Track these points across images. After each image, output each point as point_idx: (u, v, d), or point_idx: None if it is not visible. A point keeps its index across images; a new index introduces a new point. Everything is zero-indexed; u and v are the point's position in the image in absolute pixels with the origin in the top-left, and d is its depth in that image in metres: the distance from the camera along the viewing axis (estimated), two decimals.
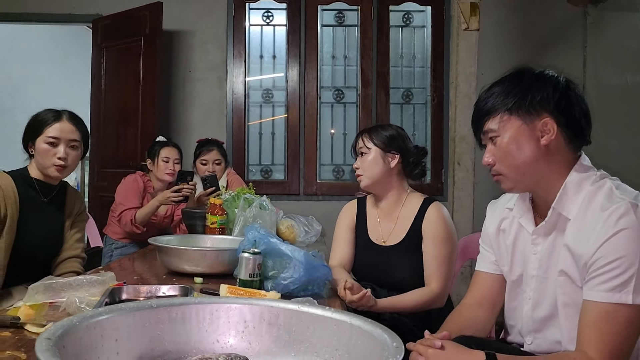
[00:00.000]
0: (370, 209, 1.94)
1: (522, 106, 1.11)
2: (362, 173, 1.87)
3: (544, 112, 1.11)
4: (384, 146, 1.85)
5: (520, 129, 1.12)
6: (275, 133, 4.24)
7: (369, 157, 1.85)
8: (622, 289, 0.99)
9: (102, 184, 3.88)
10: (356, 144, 1.90)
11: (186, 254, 1.67)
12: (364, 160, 1.86)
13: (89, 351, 0.72)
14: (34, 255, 1.75)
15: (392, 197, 1.88)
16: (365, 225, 1.91)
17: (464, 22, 3.30)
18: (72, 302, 1.18)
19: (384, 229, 1.87)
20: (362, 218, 1.93)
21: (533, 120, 1.11)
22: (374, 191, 1.92)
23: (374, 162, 1.84)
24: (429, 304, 1.71)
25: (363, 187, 1.90)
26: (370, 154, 1.85)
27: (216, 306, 0.89)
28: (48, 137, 1.72)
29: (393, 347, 0.70)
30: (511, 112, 1.12)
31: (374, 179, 1.85)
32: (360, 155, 1.88)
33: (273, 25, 4.24)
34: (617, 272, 1.00)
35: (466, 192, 3.38)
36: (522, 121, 1.12)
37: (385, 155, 1.84)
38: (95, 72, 4.07)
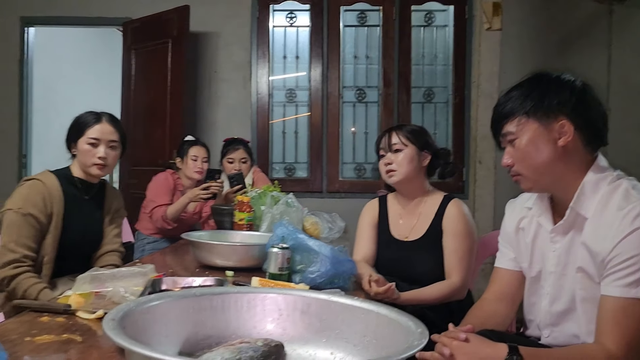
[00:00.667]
0: (392, 207, 1.99)
1: (539, 109, 1.16)
2: (395, 169, 1.88)
3: (561, 114, 1.16)
4: (420, 145, 1.90)
5: (538, 131, 1.17)
6: (298, 132, 4.32)
7: (405, 154, 1.88)
8: (638, 285, 1.05)
9: (133, 181, 4.01)
10: (389, 140, 1.90)
11: (218, 249, 1.76)
12: (399, 156, 1.88)
13: (143, 333, 0.80)
14: (76, 250, 1.86)
15: (415, 194, 1.94)
16: (387, 222, 1.97)
17: (486, 22, 3.33)
18: (117, 291, 1.27)
19: (406, 226, 1.93)
20: (384, 215, 1.99)
21: (550, 123, 1.16)
22: (401, 188, 1.94)
23: (410, 159, 1.88)
24: (450, 296, 1.77)
25: (393, 183, 1.91)
26: (406, 150, 1.88)
27: (253, 295, 0.97)
28: (89, 138, 1.83)
29: (418, 333, 0.77)
30: (529, 115, 1.17)
31: (406, 176, 1.88)
32: (394, 151, 1.89)
33: (296, 26, 4.32)
34: (634, 268, 1.05)
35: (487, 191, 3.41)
36: (539, 123, 1.17)
37: (419, 153, 1.90)
38: (125, 73, 4.20)
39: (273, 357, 0.88)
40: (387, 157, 1.90)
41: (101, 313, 1.16)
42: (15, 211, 1.71)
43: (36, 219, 1.72)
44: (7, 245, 1.69)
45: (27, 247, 1.71)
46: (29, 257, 1.71)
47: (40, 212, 1.73)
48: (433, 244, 1.85)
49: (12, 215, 1.71)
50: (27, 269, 1.69)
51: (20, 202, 1.72)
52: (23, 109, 4.36)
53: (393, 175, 1.89)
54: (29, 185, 1.77)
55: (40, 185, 1.77)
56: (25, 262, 1.69)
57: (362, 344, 0.89)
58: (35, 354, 0.94)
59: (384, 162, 1.91)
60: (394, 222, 1.96)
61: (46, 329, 1.08)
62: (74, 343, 1.01)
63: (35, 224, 1.72)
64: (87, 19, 4.30)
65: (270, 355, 0.88)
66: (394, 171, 1.88)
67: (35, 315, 1.17)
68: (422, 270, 1.83)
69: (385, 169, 1.90)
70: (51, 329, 1.08)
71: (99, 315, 1.16)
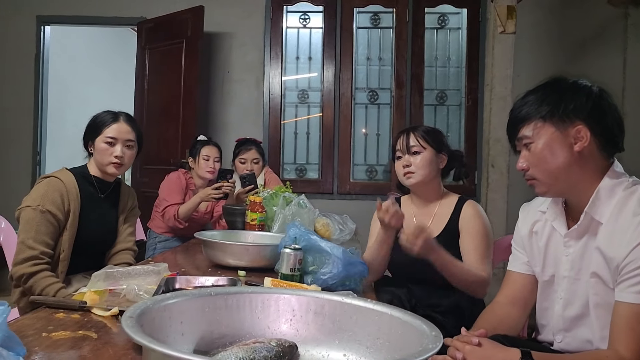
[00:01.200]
0: (406, 208, 1.99)
1: (555, 114, 1.16)
2: (414, 171, 1.86)
3: (577, 119, 1.15)
4: (438, 147, 1.90)
5: (554, 135, 1.16)
6: (310, 133, 4.33)
7: (424, 156, 1.86)
8: None
9: (144, 180, 4.05)
10: (407, 142, 1.88)
11: (231, 248, 1.77)
12: (417, 159, 1.86)
13: (160, 330, 0.81)
14: (91, 247, 1.88)
15: (430, 196, 1.93)
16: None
17: (500, 25, 3.31)
18: (132, 289, 1.28)
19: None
20: None
21: (566, 128, 1.16)
22: (418, 190, 1.93)
23: (429, 161, 1.87)
24: (476, 286, 1.74)
25: (411, 185, 1.90)
26: (424, 153, 1.87)
27: (267, 296, 0.98)
28: (106, 137, 1.85)
29: (432, 336, 0.77)
30: (545, 120, 1.17)
31: (424, 178, 1.87)
32: (413, 153, 1.88)
33: (309, 28, 4.33)
34: None
35: (500, 195, 3.39)
36: (555, 128, 1.16)
37: (437, 155, 1.89)
38: (139, 72, 4.23)
39: (286, 357, 0.88)
40: (405, 158, 1.89)
41: (116, 310, 1.17)
42: (33, 208, 1.73)
43: (54, 216, 1.75)
44: (25, 241, 1.71)
45: (45, 243, 1.73)
46: (47, 254, 1.73)
47: (57, 210, 1.75)
48: (448, 245, 1.83)
49: (30, 212, 1.73)
50: (45, 267, 1.71)
51: (38, 199, 1.75)
52: (38, 107, 4.41)
53: (411, 177, 1.88)
54: (47, 183, 1.79)
55: (58, 183, 1.79)
56: (43, 259, 1.71)
57: (375, 346, 0.89)
58: (52, 350, 0.95)
59: (401, 164, 1.89)
60: (408, 223, 1.95)
61: (62, 325, 1.10)
62: (89, 339, 1.02)
63: (53, 221, 1.75)
64: (102, 18, 4.34)
65: (284, 356, 0.88)
66: (412, 173, 1.87)
67: (51, 312, 1.18)
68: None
69: (404, 171, 1.89)
70: (67, 325, 1.10)
71: (114, 313, 1.17)
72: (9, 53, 4.36)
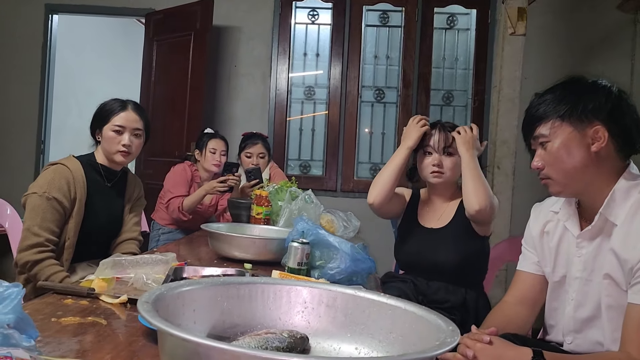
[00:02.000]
0: (423, 199, 2.00)
1: (574, 113, 1.15)
2: (445, 172, 1.87)
3: (595, 120, 1.15)
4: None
5: (571, 135, 1.16)
6: (315, 129, 4.33)
7: (455, 159, 1.87)
8: None
9: (149, 172, 4.04)
10: (446, 141, 1.87)
11: (237, 241, 1.76)
12: (449, 160, 1.87)
13: (173, 317, 0.80)
14: (97, 236, 1.88)
15: (446, 195, 1.95)
16: (416, 210, 1.98)
17: (510, 27, 3.30)
18: (140, 277, 1.28)
19: (431, 215, 1.94)
20: (414, 205, 2.00)
21: (584, 128, 1.15)
22: (440, 188, 1.93)
23: (457, 165, 1.86)
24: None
25: (437, 183, 1.88)
26: (456, 156, 1.87)
27: (279, 287, 0.97)
28: (114, 126, 1.84)
29: (449, 330, 0.76)
30: (563, 119, 1.16)
31: (451, 179, 1.89)
32: (448, 154, 1.87)
33: (318, 24, 4.32)
34: None
35: (505, 196, 3.38)
36: (573, 128, 1.16)
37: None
38: (146, 64, 4.22)
39: (298, 349, 0.88)
40: (435, 157, 1.87)
41: (124, 298, 1.16)
42: (39, 195, 1.72)
43: (60, 203, 1.74)
44: (30, 228, 1.70)
45: (51, 231, 1.72)
46: (52, 242, 1.72)
47: (64, 197, 1.75)
48: (459, 232, 1.84)
49: (37, 198, 1.72)
50: (50, 255, 1.71)
51: (45, 186, 1.74)
52: (43, 96, 4.40)
53: (440, 178, 1.87)
54: (54, 170, 1.78)
55: (65, 170, 1.78)
56: (48, 246, 1.71)
57: (388, 340, 0.88)
58: (62, 335, 0.95)
59: (432, 162, 1.87)
60: (423, 212, 1.97)
61: (71, 311, 1.09)
62: (99, 326, 1.01)
63: (59, 208, 1.74)
64: (110, 8, 4.33)
65: (296, 347, 0.88)
66: (442, 174, 1.87)
67: (59, 298, 1.18)
68: (444, 258, 1.82)
69: (433, 169, 1.87)
70: (75, 311, 1.09)
71: (123, 300, 1.16)
72: (17, 41, 4.35)
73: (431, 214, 1.95)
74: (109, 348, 0.91)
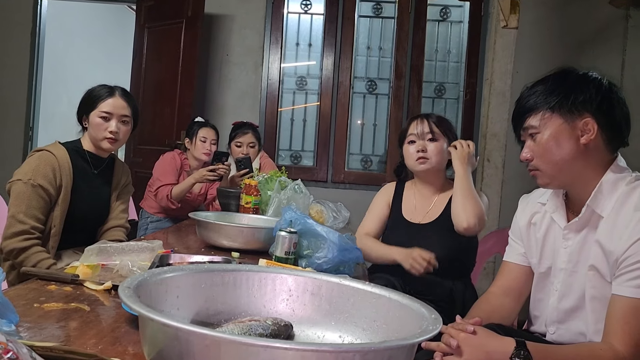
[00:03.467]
0: (408, 192, 2.00)
1: (564, 105, 1.15)
2: (429, 157, 1.87)
3: (585, 112, 1.15)
4: (449, 137, 1.91)
5: (561, 127, 1.16)
6: (306, 120, 4.31)
7: (440, 145, 1.88)
8: None
9: (138, 160, 4.01)
10: (427, 127, 1.88)
11: (225, 229, 1.76)
12: (433, 145, 1.87)
13: (156, 303, 0.80)
14: (83, 223, 1.86)
15: (435, 184, 1.94)
16: (400, 204, 1.98)
17: (503, 20, 3.30)
18: (125, 264, 1.27)
19: (420, 209, 1.94)
20: (399, 199, 2.00)
21: (574, 120, 1.15)
22: (425, 176, 1.93)
23: (442, 150, 1.88)
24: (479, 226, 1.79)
25: (422, 170, 1.89)
26: (441, 141, 1.88)
27: (264, 275, 0.97)
28: (101, 112, 1.82)
29: (432, 318, 0.76)
30: (553, 110, 1.16)
31: (437, 166, 1.89)
32: (431, 139, 1.88)
33: (311, 14, 4.30)
34: None
35: (494, 189, 3.40)
36: (563, 119, 1.16)
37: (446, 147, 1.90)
38: (137, 51, 4.18)
39: (282, 336, 0.88)
40: (420, 143, 1.88)
41: (109, 284, 1.16)
42: (24, 182, 1.70)
43: (45, 190, 1.72)
44: (16, 216, 1.68)
45: (36, 218, 1.70)
46: (37, 229, 1.71)
47: (49, 184, 1.73)
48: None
49: (21, 185, 1.70)
50: (36, 242, 1.69)
51: (29, 172, 1.72)
52: (32, 82, 4.34)
53: (424, 163, 1.87)
54: (39, 156, 1.76)
55: (50, 157, 1.76)
56: (34, 233, 1.69)
57: (372, 328, 0.89)
58: (43, 320, 0.94)
59: (416, 149, 1.88)
60: (408, 206, 1.97)
61: (54, 297, 1.08)
62: (81, 312, 1.01)
63: (44, 195, 1.72)
64: None
65: (280, 335, 0.87)
66: (426, 159, 1.87)
67: (43, 284, 1.17)
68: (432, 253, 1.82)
69: (417, 156, 1.87)
70: (59, 297, 1.09)
71: (107, 287, 1.16)
72: (5, 26, 4.28)
73: (419, 209, 1.94)
74: (91, 334, 0.90)
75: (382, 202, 2.00)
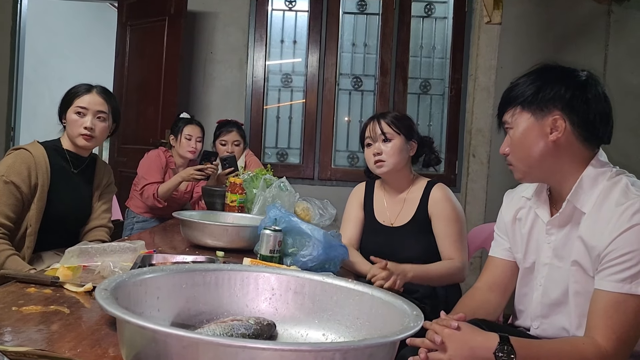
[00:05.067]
0: (378, 192, 1.98)
1: (534, 102, 1.15)
2: (385, 159, 1.84)
3: (554, 109, 1.14)
4: (408, 134, 1.88)
5: (530, 123, 1.16)
6: (292, 117, 4.30)
7: (395, 144, 1.84)
8: (632, 281, 1.04)
9: (122, 159, 3.97)
10: (379, 129, 1.85)
11: (209, 229, 1.74)
12: (388, 146, 1.84)
13: (135, 305, 0.78)
14: (63, 223, 1.83)
15: (401, 183, 1.93)
16: (372, 208, 1.97)
17: (486, 15, 3.31)
18: (107, 266, 1.25)
19: (392, 211, 1.92)
20: (370, 200, 1.99)
21: (544, 116, 1.15)
22: (389, 177, 1.92)
23: (400, 149, 1.85)
24: (454, 275, 1.77)
25: (383, 173, 1.87)
26: (395, 140, 1.85)
27: (247, 274, 0.96)
28: (77, 107, 1.80)
29: (413, 315, 0.76)
30: (523, 107, 1.17)
31: (396, 166, 1.85)
32: (383, 141, 1.85)
33: (295, 11, 4.28)
34: (629, 264, 1.04)
35: (480, 185, 3.42)
36: (532, 116, 1.16)
37: (407, 143, 1.88)
38: (119, 50, 4.13)
39: (265, 335, 0.87)
40: (375, 146, 1.86)
41: (90, 286, 1.14)
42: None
43: (17, 187, 1.69)
44: None
45: (4, 215, 1.68)
46: (4, 226, 1.68)
47: (22, 182, 1.70)
48: (420, 230, 1.84)
49: None
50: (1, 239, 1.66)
51: (3, 169, 1.69)
52: (13, 81, 4.27)
53: (382, 166, 1.85)
54: (15, 155, 1.74)
55: (27, 155, 1.74)
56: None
57: (355, 326, 0.88)
58: (22, 324, 0.92)
59: (372, 152, 1.86)
60: (380, 208, 1.95)
61: (33, 300, 1.06)
62: (61, 314, 0.99)
63: (17, 192, 1.69)
64: None
65: (262, 334, 0.87)
66: (383, 162, 1.84)
67: (22, 286, 1.15)
68: (408, 255, 1.82)
69: (374, 159, 1.85)
70: (38, 300, 1.07)
71: (88, 289, 1.14)
72: None
73: (390, 211, 1.92)
74: (70, 337, 0.88)
75: (355, 206, 1.99)
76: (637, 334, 1.07)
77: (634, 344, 1.07)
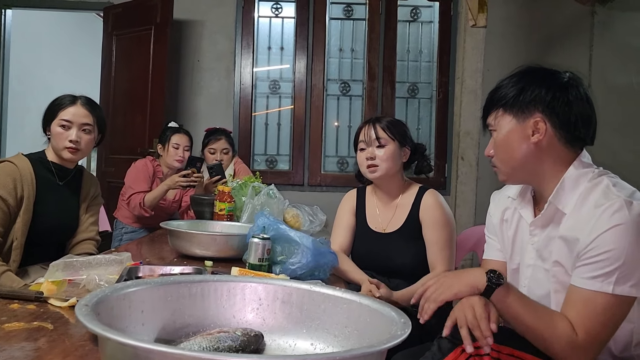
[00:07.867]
0: (370, 198, 1.98)
1: (515, 104, 1.15)
2: (378, 164, 1.82)
3: (535, 111, 1.14)
4: (402, 140, 1.87)
5: (512, 126, 1.16)
6: (281, 124, 4.29)
7: (389, 149, 1.83)
8: (604, 279, 1.04)
9: (110, 169, 3.94)
10: (374, 134, 1.84)
11: (197, 238, 1.73)
12: (382, 152, 1.83)
13: (119, 320, 0.77)
14: (49, 236, 1.80)
15: (393, 189, 1.92)
16: (364, 214, 1.96)
17: (471, 19, 3.33)
18: (92, 279, 1.23)
19: (383, 217, 1.92)
20: (362, 206, 1.98)
21: (526, 119, 1.15)
22: (381, 183, 1.91)
23: (393, 155, 1.84)
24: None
25: (375, 178, 1.86)
26: (390, 146, 1.83)
27: (233, 284, 0.95)
28: (61, 120, 1.77)
29: (401, 323, 0.75)
30: (505, 109, 1.17)
31: (388, 172, 1.84)
32: (378, 146, 1.84)
33: (282, 17, 4.28)
34: (604, 264, 1.05)
35: (469, 187, 3.43)
36: (513, 118, 1.16)
37: (401, 149, 1.87)
38: (106, 59, 4.11)
39: (252, 347, 0.86)
40: (369, 151, 1.85)
41: (74, 301, 1.12)
42: None
43: (4, 200, 1.66)
44: None
45: None
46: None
47: (8, 194, 1.67)
48: (411, 236, 1.84)
49: None
50: None
51: None
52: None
53: (375, 171, 1.84)
54: (0, 167, 1.71)
55: (12, 167, 1.71)
56: None
57: (344, 335, 0.87)
58: (4, 342, 0.90)
59: (365, 156, 1.85)
60: (372, 214, 1.95)
61: (16, 316, 1.04)
62: (44, 331, 0.97)
63: (3, 206, 1.66)
64: (67, 2, 4.20)
65: (249, 345, 0.85)
66: (376, 167, 1.83)
67: (5, 302, 1.13)
68: (400, 262, 1.82)
69: (367, 164, 1.85)
70: (22, 316, 1.05)
71: (72, 303, 1.12)
72: None
73: (382, 217, 1.92)
74: (54, 353, 0.87)
75: (347, 212, 1.98)
76: (608, 332, 1.07)
77: (605, 341, 1.08)
